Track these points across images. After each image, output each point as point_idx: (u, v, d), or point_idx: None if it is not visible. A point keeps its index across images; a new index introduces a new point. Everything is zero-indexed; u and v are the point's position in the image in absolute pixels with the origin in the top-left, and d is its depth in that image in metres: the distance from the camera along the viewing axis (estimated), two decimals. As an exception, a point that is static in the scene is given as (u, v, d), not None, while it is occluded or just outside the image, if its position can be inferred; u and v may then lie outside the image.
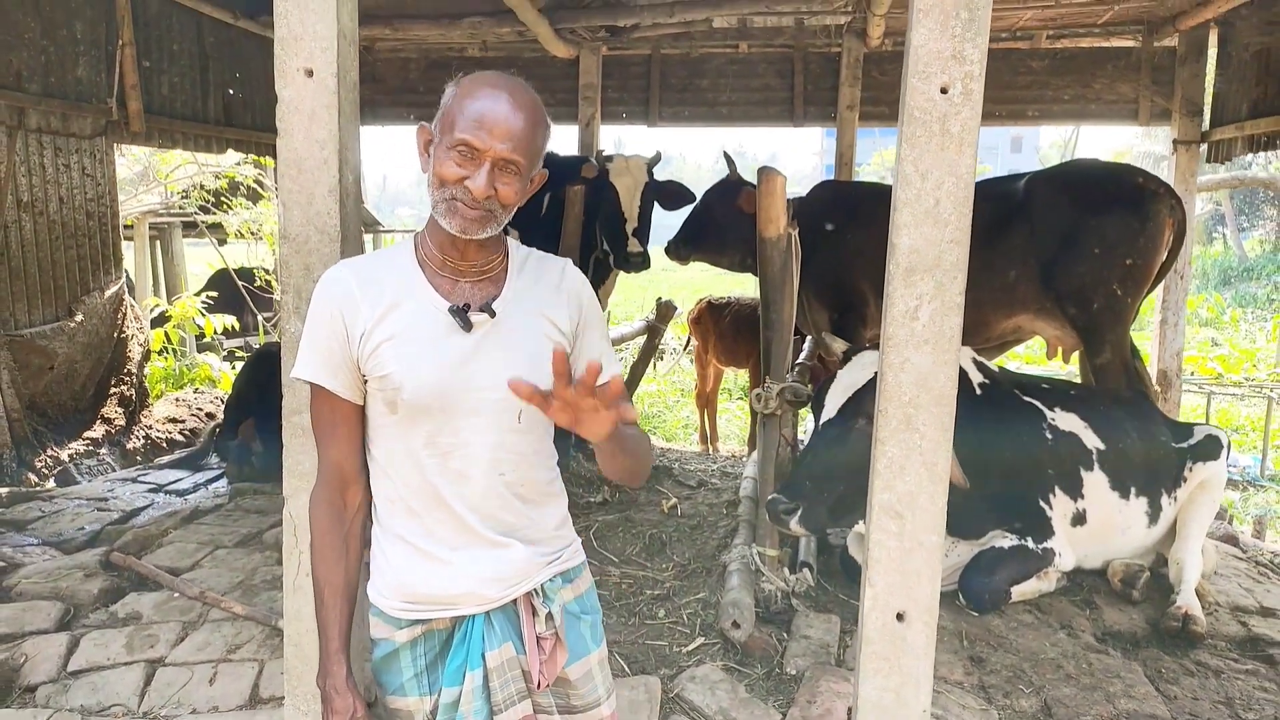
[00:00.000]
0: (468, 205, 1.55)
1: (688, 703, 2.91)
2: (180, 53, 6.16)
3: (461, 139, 1.52)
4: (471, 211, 1.55)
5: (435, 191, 1.57)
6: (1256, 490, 8.77)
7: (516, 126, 1.53)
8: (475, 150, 1.52)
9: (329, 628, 1.67)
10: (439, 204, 1.57)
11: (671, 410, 10.75)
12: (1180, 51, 6.65)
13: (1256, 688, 3.14)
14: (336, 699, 1.65)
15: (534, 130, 1.56)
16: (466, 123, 1.52)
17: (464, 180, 1.53)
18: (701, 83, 7.64)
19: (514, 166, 1.55)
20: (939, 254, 2.19)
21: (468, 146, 1.52)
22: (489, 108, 1.52)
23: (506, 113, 1.53)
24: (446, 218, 1.57)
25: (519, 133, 1.53)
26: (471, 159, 1.53)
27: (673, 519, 4.50)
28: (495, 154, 1.52)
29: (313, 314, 1.64)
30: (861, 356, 3.65)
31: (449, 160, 1.54)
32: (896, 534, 2.29)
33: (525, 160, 1.56)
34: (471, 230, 1.57)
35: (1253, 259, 27.24)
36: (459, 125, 1.53)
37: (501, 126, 1.52)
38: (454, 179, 1.54)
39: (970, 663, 3.19)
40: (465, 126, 1.52)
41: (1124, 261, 4.62)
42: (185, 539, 4.09)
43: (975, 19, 2.08)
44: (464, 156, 1.53)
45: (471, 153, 1.53)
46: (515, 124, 1.53)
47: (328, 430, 1.67)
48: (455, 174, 1.54)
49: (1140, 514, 3.91)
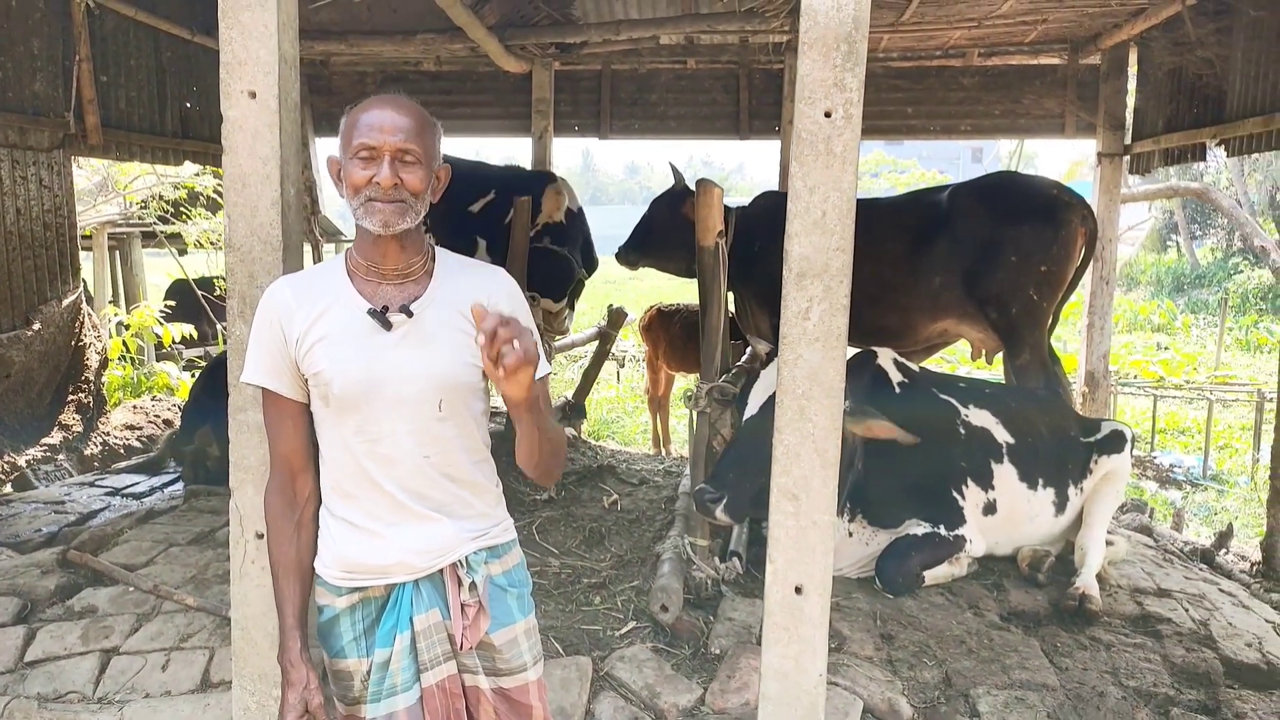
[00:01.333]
0: (382, 200, 1.75)
1: (616, 680, 3.12)
2: (137, 67, 6.29)
3: (359, 144, 1.74)
4: (387, 205, 1.75)
5: (353, 200, 1.77)
6: (1197, 488, 9.12)
7: (404, 122, 1.76)
8: (373, 149, 1.74)
9: (284, 605, 1.86)
10: (358, 209, 1.77)
11: (630, 415, 10.96)
12: (1103, 69, 7.02)
13: (1142, 659, 3.40)
14: (292, 671, 1.84)
15: (422, 125, 1.79)
16: (361, 130, 1.75)
17: (372, 179, 1.74)
18: (651, 97, 7.88)
19: (411, 155, 1.76)
20: (826, 260, 2.43)
21: (366, 148, 1.74)
22: (377, 114, 1.76)
23: (393, 114, 1.76)
24: (368, 219, 1.77)
25: (408, 126, 1.76)
26: (372, 158, 1.75)
27: (613, 514, 4.71)
28: (391, 147, 1.74)
29: (255, 325, 1.85)
30: (780, 359, 3.89)
31: (354, 168, 1.76)
32: (794, 514, 2.52)
33: (420, 149, 1.77)
34: (393, 222, 1.76)
35: (1204, 266, 27.97)
36: (355, 136, 1.75)
37: (390, 124, 1.74)
38: (363, 181, 1.75)
39: (881, 640, 3.43)
40: (360, 133, 1.75)
41: (1039, 269, 4.91)
42: (140, 538, 4.22)
43: (854, 51, 2.31)
44: (366, 160, 1.75)
45: (371, 152, 1.74)
46: (402, 121, 1.76)
47: (275, 427, 1.87)
48: (362, 176, 1.75)
49: (1048, 503, 4.18)
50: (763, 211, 5.74)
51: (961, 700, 3.09)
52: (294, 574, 1.87)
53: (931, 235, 5.08)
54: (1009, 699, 3.07)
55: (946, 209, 5.11)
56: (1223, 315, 18.04)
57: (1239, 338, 18.82)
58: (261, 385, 1.84)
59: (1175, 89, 6.34)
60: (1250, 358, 17.52)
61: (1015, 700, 3.06)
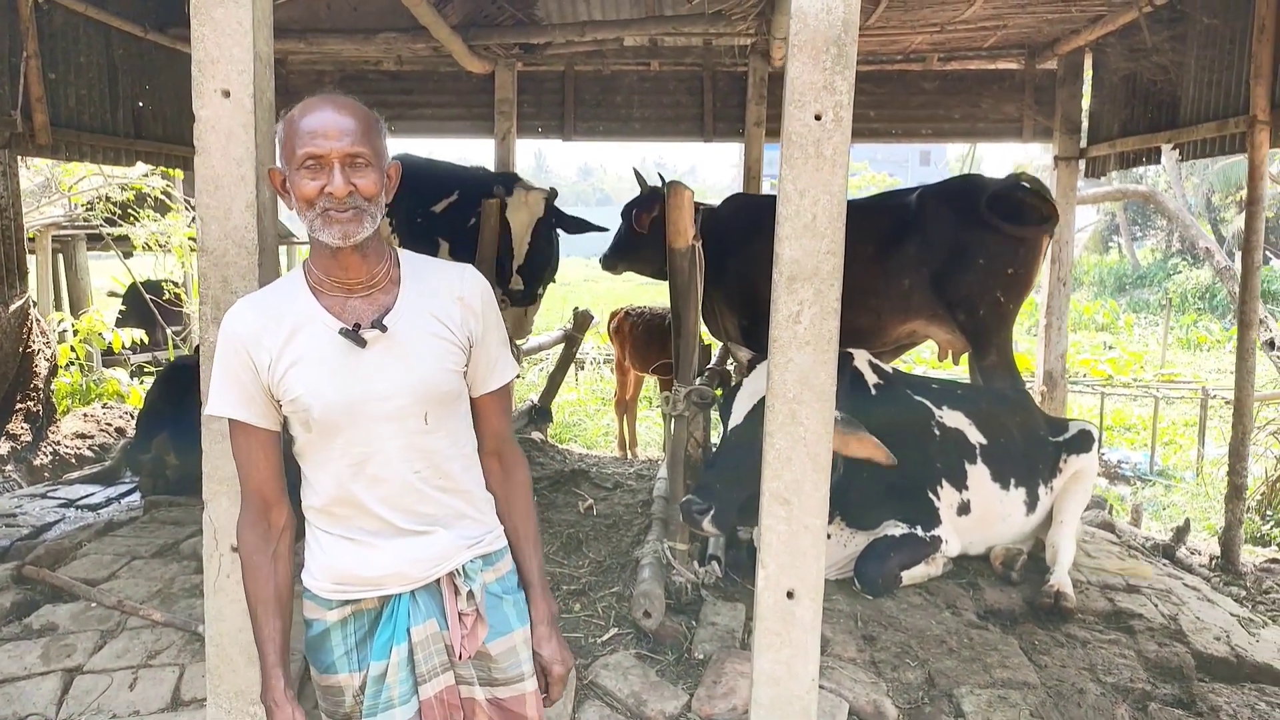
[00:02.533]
0: (337, 210, 1.66)
1: (601, 688, 3.08)
2: (88, 65, 6.08)
3: (305, 153, 1.65)
4: (343, 214, 1.67)
5: (305, 214, 1.69)
6: (1145, 484, 9.35)
7: (348, 123, 1.67)
8: (320, 157, 1.65)
9: (265, 644, 1.78)
10: (313, 223, 1.68)
11: (592, 418, 10.91)
12: (1059, 74, 7.15)
13: (1117, 655, 3.46)
14: (277, 711, 1.77)
15: (367, 124, 1.70)
16: (303, 138, 1.66)
17: (323, 189, 1.66)
18: (615, 99, 7.85)
19: (361, 158, 1.67)
20: (817, 264, 2.42)
21: (312, 157, 1.65)
22: (318, 118, 1.67)
23: (334, 116, 1.67)
24: (324, 231, 1.68)
25: (352, 128, 1.67)
26: (320, 168, 1.66)
27: (589, 519, 4.67)
28: (339, 153, 1.65)
29: (220, 353, 1.75)
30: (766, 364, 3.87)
31: (303, 179, 1.67)
32: (785, 519, 2.50)
33: (369, 150, 1.68)
34: (352, 232, 1.68)
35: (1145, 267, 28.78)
36: (298, 145, 1.66)
37: (334, 128, 1.65)
38: (313, 192, 1.66)
39: (863, 641, 3.44)
40: (303, 141, 1.65)
41: (1006, 271, 4.98)
42: (100, 551, 4.08)
43: (843, 54, 2.30)
44: (314, 170, 1.66)
45: (317, 162, 1.65)
46: (346, 122, 1.67)
47: (246, 459, 1.78)
48: (312, 187, 1.66)
49: (1019, 503, 4.24)
50: (731, 213, 5.75)
51: (945, 700, 3.11)
52: (273, 609, 1.78)
53: (901, 237, 5.12)
54: (992, 698, 3.10)
55: (916, 211, 5.16)
56: (1167, 315, 18.54)
57: (1180, 336, 19.40)
58: (231, 417, 1.75)
59: (1130, 94, 6.48)
60: (1191, 355, 18.06)
61: (998, 699, 3.09)
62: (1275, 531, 7.00)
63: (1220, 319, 21.30)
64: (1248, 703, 3.19)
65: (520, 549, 1.95)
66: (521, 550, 1.95)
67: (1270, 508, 7.41)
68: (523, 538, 1.95)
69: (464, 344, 1.82)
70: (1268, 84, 4.92)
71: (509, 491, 1.95)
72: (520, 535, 1.95)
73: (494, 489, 1.94)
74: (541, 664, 1.91)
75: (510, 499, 1.95)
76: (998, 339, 5.09)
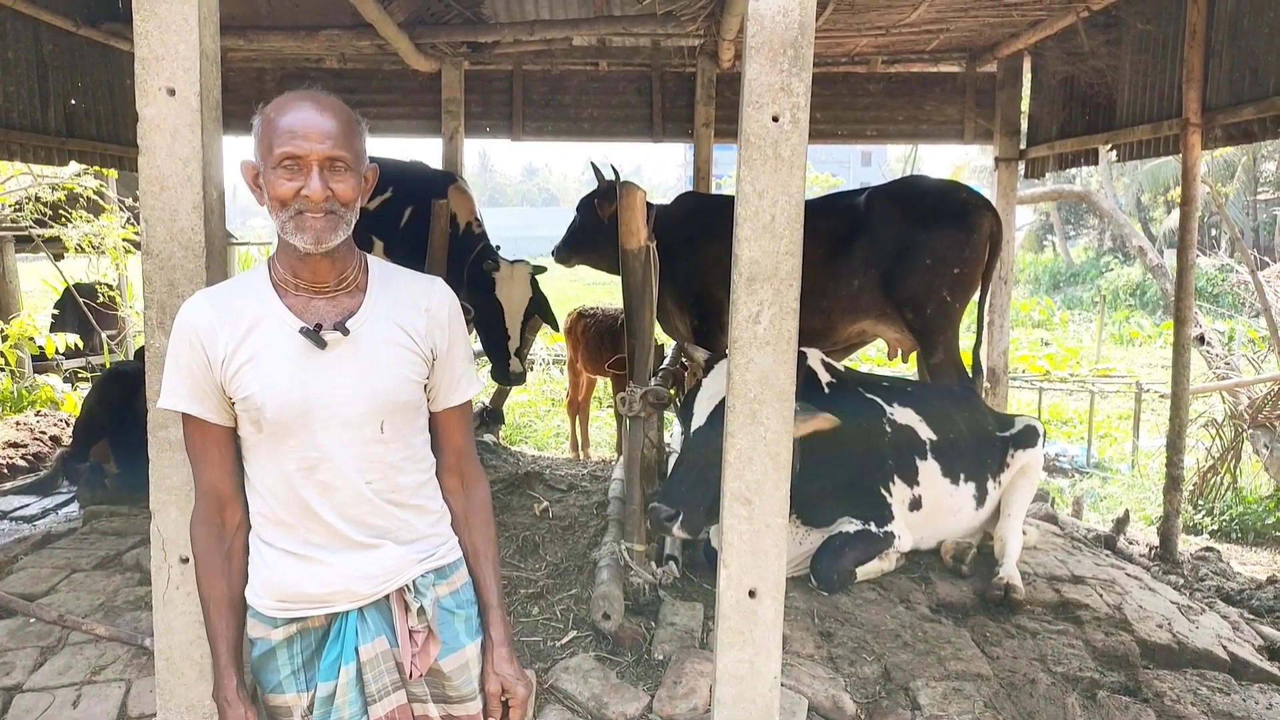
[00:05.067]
0: (313, 214, 1.62)
1: (562, 691, 3.06)
2: (16, 60, 5.86)
3: (283, 153, 1.60)
4: (318, 219, 1.62)
5: (279, 214, 1.64)
6: (1082, 476, 9.62)
7: (330, 125, 1.61)
8: (299, 159, 1.60)
9: (217, 642, 1.73)
10: (286, 224, 1.63)
11: (543, 419, 10.85)
12: (999, 77, 7.32)
13: (1066, 645, 3.55)
14: (229, 710, 1.72)
15: (348, 127, 1.65)
16: (282, 137, 1.60)
17: (300, 191, 1.61)
18: (564, 99, 7.82)
19: (340, 163, 1.63)
20: (776, 264, 2.44)
21: (291, 158, 1.60)
22: (298, 117, 1.61)
23: (316, 116, 1.61)
24: (297, 235, 1.63)
25: (334, 130, 1.62)
26: (299, 169, 1.61)
27: (545, 522, 4.64)
28: (318, 155, 1.60)
29: (173, 345, 1.69)
30: (723, 364, 3.88)
31: (279, 179, 1.61)
32: (747, 518, 2.52)
33: (349, 154, 1.64)
34: (325, 238, 1.63)
35: (1079, 265, 29.60)
36: (276, 143, 1.60)
37: (315, 129, 1.60)
38: (290, 194, 1.61)
39: (820, 637, 3.47)
40: (282, 141, 1.60)
41: (953, 271, 5.07)
42: (39, 564, 3.93)
43: (800, 56, 2.32)
44: (291, 170, 1.61)
45: (296, 163, 1.60)
46: (327, 124, 1.61)
47: (199, 455, 1.73)
48: (289, 189, 1.61)
49: (969, 497, 4.32)
50: (681, 212, 5.77)
51: (902, 693, 3.15)
52: (225, 608, 1.74)
53: (850, 238, 5.19)
54: (947, 690, 3.15)
55: (864, 212, 5.23)
56: (1101, 311, 19.09)
57: (1113, 332, 19.99)
58: (183, 411, 1.70)
59: (1068, 97, 6.65)
60: (1124, 350, 18.64)
61: (953, 691, 3.14)
62: (1207, 520, 7.27)
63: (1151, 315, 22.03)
64: (1190, 688, 3.30)
65: (478, 568, 1.89)
66: (479, 569, 1.89)
67: (1202, 497, 7.69)
68: (481, 557, 1.90)
69: (427, 356, 1.78)
70: (1199, 88, 5.09)
71: (468, 508, 1.90)
72: (479, 554, 1.89)
73: (453, 506, 1.89)
74: (504, 685, 1.85)
75: (469, 516, 1.90)
76: (944, 337, 5.19)
